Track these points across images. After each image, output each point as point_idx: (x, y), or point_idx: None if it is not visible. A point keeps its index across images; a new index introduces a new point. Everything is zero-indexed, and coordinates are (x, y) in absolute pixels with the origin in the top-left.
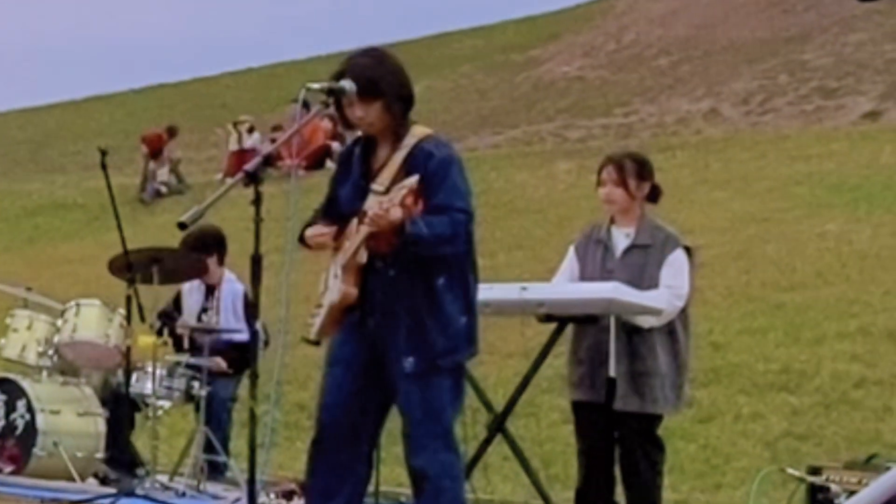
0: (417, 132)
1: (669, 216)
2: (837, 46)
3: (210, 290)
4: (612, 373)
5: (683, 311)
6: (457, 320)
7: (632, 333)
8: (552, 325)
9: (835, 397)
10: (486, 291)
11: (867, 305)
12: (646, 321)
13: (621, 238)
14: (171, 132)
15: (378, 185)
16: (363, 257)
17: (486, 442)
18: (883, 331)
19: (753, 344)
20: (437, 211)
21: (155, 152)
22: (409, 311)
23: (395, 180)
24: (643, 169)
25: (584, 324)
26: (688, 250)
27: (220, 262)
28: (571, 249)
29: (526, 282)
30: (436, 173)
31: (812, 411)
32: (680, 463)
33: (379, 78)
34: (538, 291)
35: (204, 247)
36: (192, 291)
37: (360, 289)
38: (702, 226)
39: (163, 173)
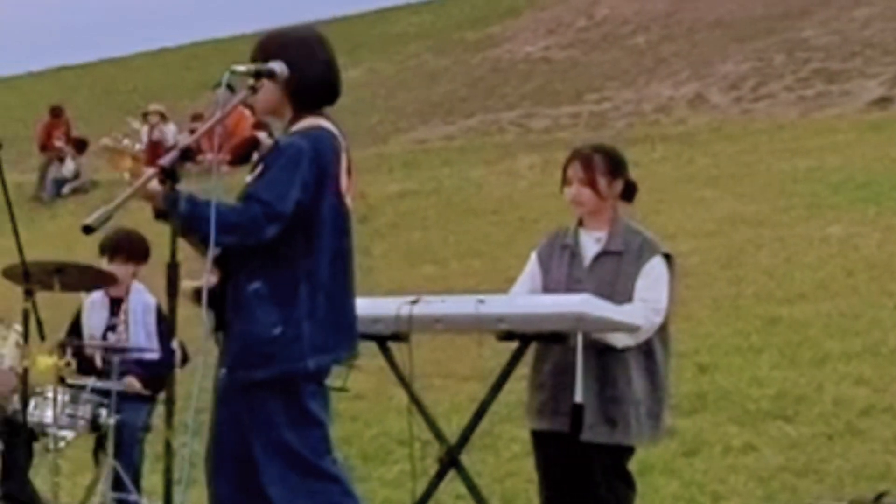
0: (304, 123)
1: (648, 218)
2: (842, 23)
3: (116, 304)
4: (578, 398)
5: (662, 328)
6: (264, 332)
7: (602, 353)
8: (513, 344)
9: (838, 426)
10: (438, 305)
11: (875, 321)
12: (619, 340)
13: (591, 243)
14: (56, 113)
15: (248, 177)
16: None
17: (438, 477)
18: (893, 350)
19: (745, 365)
20: (243, 201)
21: (46, 144)
22: (230, 317)
23: (260, 174)
24: (615, 164)
25: (550, 342)
26: (668, 258)
27: (135, 273)
28: (534, 256)
29: (483, 294)
30: (269, 163)
31: (812, 442)
32: (660, 502)
33: (277, 54)
34: (497, 305)
35: (135, 257)
36: (94, 306)
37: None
38: (685, 229)
39: (67, 166)
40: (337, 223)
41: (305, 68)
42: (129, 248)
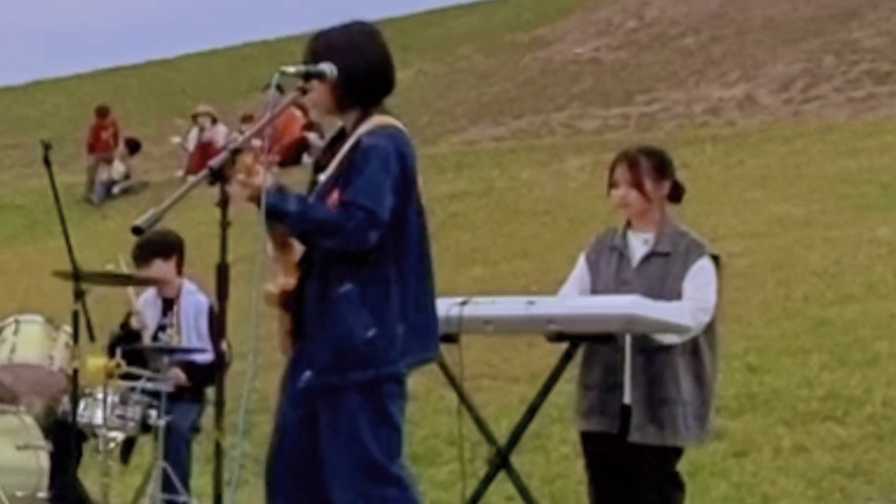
0: (376, 121)
1: (698, 219)
2: (892, 24)
3: (168, 305)
4: (626, 399)
5: (709, 328)
6: (356, 335)
7: (650, 354)
8: (563, 346)
9: (888, 427)
10: (488, 306)
11: None
12: (666, 336)
13: (639, 245)
14: (102, 113)
15: (322, 177)
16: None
17: (488, 479)
18: None
19: (794, 367)
20: (342, 207)
21: (94, 145)
22: (314, 319)
23: (337, 173)
24: (661, 165)
25: (599, 343)
26: (715, 259)
27: (179, 272)
28: (582, 257)
29: (533, 295)
30: (355, 166)
31: (862, 444)
32: (710, 503)
33: (325, 53)
34: (547, 306)
35: (154, 254)
36: (146, 307)
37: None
38: (735, 230)
39: (117, 168)
40: (419, 223)
41: (357, 66)
42: (158, 247)
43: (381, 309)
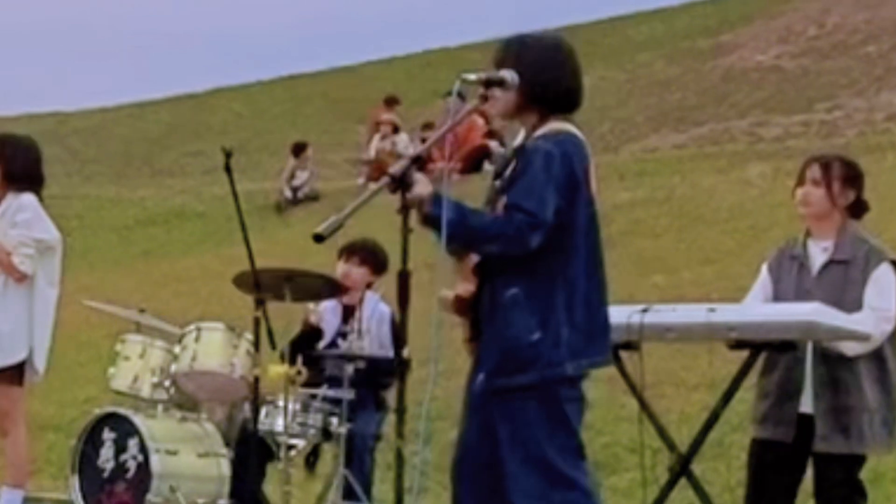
0: (550, 127)
1: (878, 226)
2: None
3: (349, 312)
4: (805, 408)
5: (893, 335)
6: (523, 338)
7: (832, 363)
8: (744, 353)
9: None
10: (669, 314)
11: None
12: (850, 348)
13: (818, 253)
14: (391, 103)
15: (497, 183)
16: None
17: (669, 486)
18: None
19: None
20: (504, 210)
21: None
22: (486, 323)
23: (510, 180)
24: (851, 174)
25: (780, 351)
26: (895, 265)
27: (369, 286)
28: (764, 268)
29: (714, 302)
30: (519, 169)
31: None
32: None
33: (515, 57)
34: (728, 314)
35: (370, 261)
36: (326, 312)
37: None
38: None
39: (299, 175)
40: (590, 227)
41: (542, 73)
42: (364, 252)
43: (547, 312)
